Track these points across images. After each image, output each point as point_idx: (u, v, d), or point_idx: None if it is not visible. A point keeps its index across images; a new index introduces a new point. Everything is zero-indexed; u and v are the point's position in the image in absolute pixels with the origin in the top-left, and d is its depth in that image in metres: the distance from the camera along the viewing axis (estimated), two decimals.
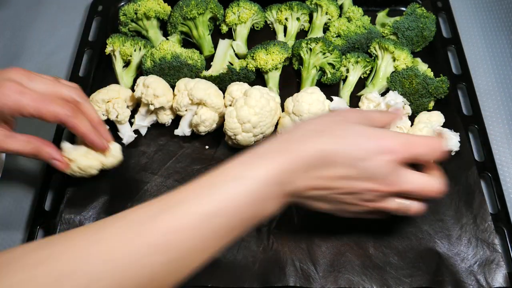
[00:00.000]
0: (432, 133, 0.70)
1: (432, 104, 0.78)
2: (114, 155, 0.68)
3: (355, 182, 0.50)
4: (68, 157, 0.65)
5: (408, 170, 0.52)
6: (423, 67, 0.80)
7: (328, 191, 0.50)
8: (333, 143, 0.49)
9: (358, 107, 0.76)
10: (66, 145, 0.67)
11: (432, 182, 0.53)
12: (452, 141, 0.72)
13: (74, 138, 0.68)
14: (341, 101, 0.70)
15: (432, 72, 0.79)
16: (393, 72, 0.79)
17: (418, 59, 0.82)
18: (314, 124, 0.51)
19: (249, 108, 0.68)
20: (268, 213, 0.49)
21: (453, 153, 0.72)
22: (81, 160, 0.65)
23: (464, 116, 0.77)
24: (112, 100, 0.74)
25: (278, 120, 0.73)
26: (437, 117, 0.74)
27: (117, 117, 0.74)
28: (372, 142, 0.49)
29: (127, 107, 0.76)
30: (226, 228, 0.45)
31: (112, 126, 0.77)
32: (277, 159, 0.47)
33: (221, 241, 0.46)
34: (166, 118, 0.76)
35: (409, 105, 0.75)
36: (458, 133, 0.73)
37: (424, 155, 0.52)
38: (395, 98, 0.73)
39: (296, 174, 0.48)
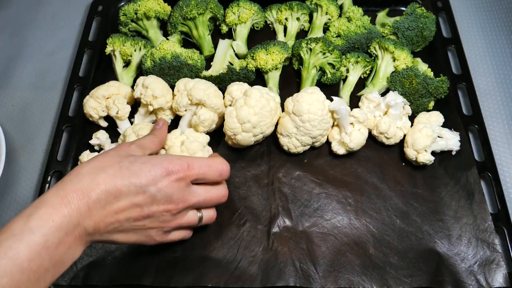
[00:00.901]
0: (432, 133, 0.70)
1: (432, 104, 0.78)
2: None
3: (147, 207, 0.53)
4: None
5: (194, 186, 0.56)
6: (423, 67, 0.80)
7: (126, 222, 0.53)
8: (119, 175, 0.51)
9: (358, 107, 0.76)
10: (86, 153, 0.71)
11: (215, 190, 0.59)
12: (452, 140, 0.72)
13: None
14: (341, 101, 0.70)
15: (432, 72, 0.79)
16: (393, 72, 0.79)
17: (418, 59, 0.82)
18: (98, 162, 0.53)
19: (249, 108, 0.68)
20: (71, 257, 0.49)
21: (453, 153, 0.72)
22: None
23: (464, 116, 0.77)
24: (112, 96, 0.74)
25: (278, 120, 0.73)
26: (437, 117, 0.74)
27: (117, 113, 0.74)
28: (157, 167, 0.53)
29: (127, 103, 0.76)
30: (16, 286, 0.43)
31: (112, 122, 0.77)
32: (64, 201, 0.48)
33: None
34: (165, 118, 0.76)
35: (409, 105, 0.75)
36: (458, 133, 0.73)
37: (206, 175, 0.57)
38: (395, 98, 0.73)
39: (90, 212, 0.49)
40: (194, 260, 0.65)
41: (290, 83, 0.82)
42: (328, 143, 0.74)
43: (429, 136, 0.69)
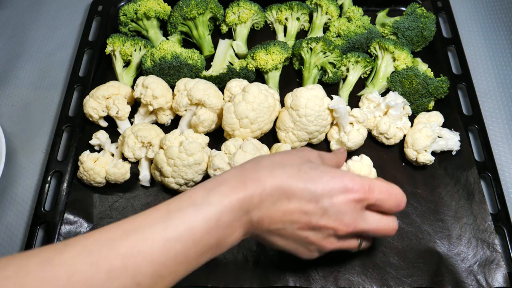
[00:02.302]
0: (432, 133, 0.70)
1: (432, 104, 0.78)
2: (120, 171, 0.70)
3: (314, 217, 0.50)
4: (100, 164, 0.70)
5: (367, 211, 0.52)
6: (423, 67, 0.80)
7: (290, 226, 0.50)
8: (297, 177, 0.49)
9: (358, 107, 0.76)
10: (86, 153, 0.71)
11: (387, 221, 0.54)
12: (452, 140, 0.72)
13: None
14: (341, 100, 0.70)
15: (432, 72, 0.79)
16: (393, 72, 0.79)
17: (418, 59, 0.82)
18: (279, 157, 0.52)
19: (247, 104, 0.68)
20: (231, 242, 0.48)
21: (453, 153, 0.72)
22: (110, 168, 0.69)
23: (464, 116, 0.77)
24: (112, 96, 0.74)
25: (277, 117, 0.73)
26: (436, 117, 0.74)
27: (117, 113, 0.74)
28: (336, 180, 0.50)
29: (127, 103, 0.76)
30: (185, 254, 0.44)
31: (112, 122, 0.77)
32: (242, 186, 0.47)
33: (181, 267, 0.44)
34: (165, 118, 0.76)
35: (409, 105, 0.75)
36: (458, 133, 0.73)
37: (384, 202, 0.52)
38: (395, 99, 0.73)
39: (260, 204, 0.48)
40: None
41: (290, 83, 0.82)
42: (327, 142, 0.74)
43: (429, 136, 0.69)
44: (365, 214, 0.52)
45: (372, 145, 0.74)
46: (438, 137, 0.72)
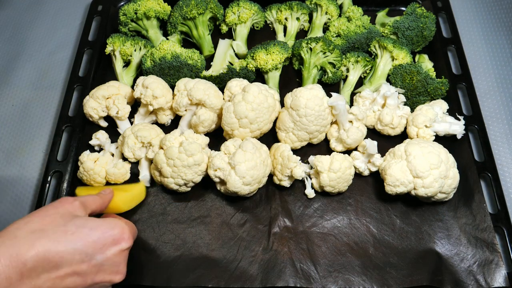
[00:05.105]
0: (432, 110, 0.71)
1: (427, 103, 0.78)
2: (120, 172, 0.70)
3: (89, 276, 0.49)
4: (100, 164, 0.70)
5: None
6: (428, 65, 0.81)
7: None
8: (63, 241, 0.47)
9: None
10: (86, 153, 0.71)
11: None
12: (456, 125, 0.72)
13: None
14: (339, 97, 0.70)
15: (435, 73, 0.79)
16: (396, 65, 0.79)
17: (425, 56, 0.82)
18: (38, 223, 0.48)
19: (247, 104, 0.68)
20: None
21: (458, 137, 0.72)
22: (110, 168, 0.70)
23: (464, 116, 0.77)
24: (112, 96, 0.74)
25: (277, 117, 0.73)
26: (440, 103, 0.74)
27: (117, 113, 0.74)
28: (106, 235, 0.50)
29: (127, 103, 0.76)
30: None
31: (112, 122, 0.77)
32: None
33: None
34: (165, 118, 0.76)
35: (405, 101, 0.76)
36: (463, 117, 0.73)
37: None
38: (388, 89, 0.74)
39: (20, 282, 0.44)
40: (194, 260, 0.65)
41: (290, 83, 0.82)
42: (326, 141, 0.74)
43: (428, 112, 0.70)
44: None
45: (377, 139, 0.73)
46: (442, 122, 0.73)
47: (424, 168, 0.63)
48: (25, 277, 0.45)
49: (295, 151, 0.72)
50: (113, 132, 0.76)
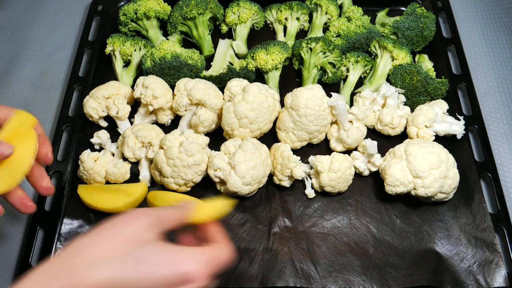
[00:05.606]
0: (432, 110, 0.71)
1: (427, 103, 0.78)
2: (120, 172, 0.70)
3: None
4: (99, 163, 0.70)
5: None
6: (428, 65, 0.81)
7: None
8: (124, 272, 0.40)
9: None
10: (87, 152, 0.71)
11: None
12: (456, 125, 0.72)
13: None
14: (339, 97, 0.70)
15: (434, 73, 0.79)
16: (397, 65, 0.79)
17: (425, 56, 0.82)
18: (101, 247, 0.42)
19: (247, 104, 0.68)
20: None
21: (458, 137, 0.72)
22: (110, 168, 0.70)
23: (464, 116, 0.77)
24: (112, 96, 0.74)
25: (277, 117, 0.73)
26: (440, 103, 0.74)
27: (117, 113, 0.74)
28: (168, 268, 0.41)
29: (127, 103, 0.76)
30: None
31: (112, 122, 0.77)
32: None
33: None
34: (165, 118, 0.76)
35: (405, 101, 0.76)
36: (463, 116, 0.73)
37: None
38: (388, 89, 0.74)
39: None
40: None
41: (290, 83, 0.82)
42: (326, 141, 0.74)
43: (428, 111, 0.70)
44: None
45: (377, 139, 0.73)
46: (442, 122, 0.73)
47: (424, 168, 0.63)
48: None
49: (295, 151, 0.72)
50: (113, 132, 0.76)
